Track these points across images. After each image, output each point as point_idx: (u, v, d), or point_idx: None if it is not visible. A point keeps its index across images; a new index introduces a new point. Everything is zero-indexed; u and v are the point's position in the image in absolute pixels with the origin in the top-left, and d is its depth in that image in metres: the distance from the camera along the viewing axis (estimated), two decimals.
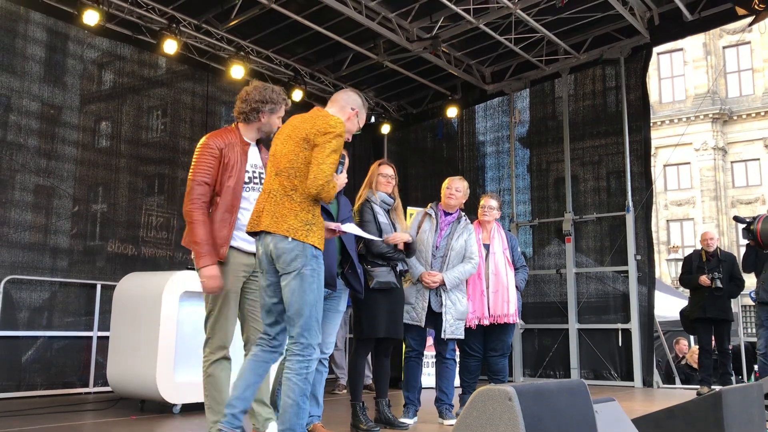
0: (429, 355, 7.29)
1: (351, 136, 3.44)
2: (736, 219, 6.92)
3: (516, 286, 5.25)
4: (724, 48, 29.12)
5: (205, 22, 8.01)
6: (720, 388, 3.37)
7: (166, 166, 8.18)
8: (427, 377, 7.31)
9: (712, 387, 6.92)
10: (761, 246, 6.29)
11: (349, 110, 3.42)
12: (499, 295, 5.12)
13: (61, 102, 7.35)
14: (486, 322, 5.07)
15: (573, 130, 9.13)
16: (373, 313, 4.39)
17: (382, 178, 4.68)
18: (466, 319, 4.98)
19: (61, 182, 7.18)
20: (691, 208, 28.83)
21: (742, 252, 7.07)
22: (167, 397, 5.13)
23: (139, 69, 8.07)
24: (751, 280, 6.89)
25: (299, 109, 10.44)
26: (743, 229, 6.62)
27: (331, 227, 3.45)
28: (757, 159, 28.26)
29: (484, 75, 9.70)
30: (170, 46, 7.57)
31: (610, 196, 8.86)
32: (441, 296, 4.82)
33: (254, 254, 3.51)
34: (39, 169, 7.01)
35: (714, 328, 7.22)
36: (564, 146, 9.13)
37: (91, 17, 6.94)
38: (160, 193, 8.23)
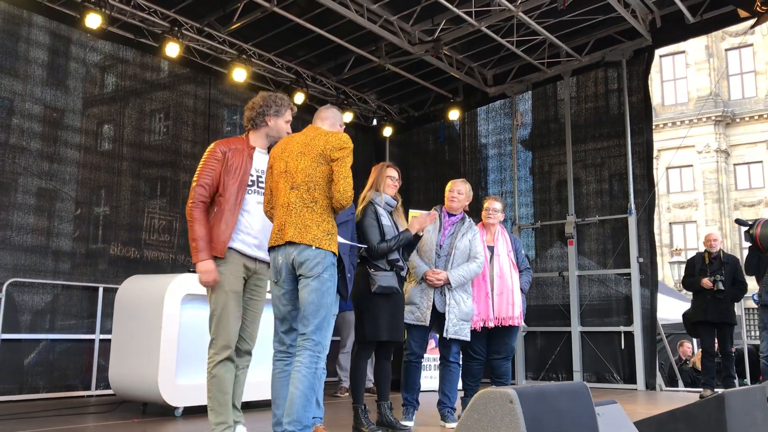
0: (430, 358, 7.29)
1: None
2: (738, 222, 6.91)
3: (520, 289, 5.24)
4: (727, 50, 29.10)
5: (207, 26, 8.02)
6: (722, 391, 3.35)
7: (168, 169, 8.19)
8: (429, 380, 7.30)
9: (715, 390, 6.90)
10: (761, 250, 6.28)
11: (338, 126, 3.72)
12: (504, 298, 5.11)
13: (63, 105, 7.36)
14: (491, 325, 5.07)
15: (575, 133, 9.13)
16: (375, 316, 4.40)
17: (390, 181, 4.70)
18: (471, 321, 4.98)
19: (64, 185, 7.20)
20: (693, 211, 28.78)
21: (745, 255, 7.06)
22: (169, 400, 5.13)
23: (142, 72, 8.08)
24: (753, 283, 6.87)
25: (302, 112, 10.49)
26: (745, 232, 6.61)
27: None
28: (760, 161, 28.22)
29: (486, 77, 9.71)
30: (172, 50, 7.58)
31: (612, 199, 8.85)
32: (445, 295, 4.81)
33: (253, 258, 3.64)
34: (41, 172, 7.03)
35: (716, 331, 7.19)
36: (566, 149, 9.13)
37: (93, 21, 6.95)
38: (163, 196, 8.24)
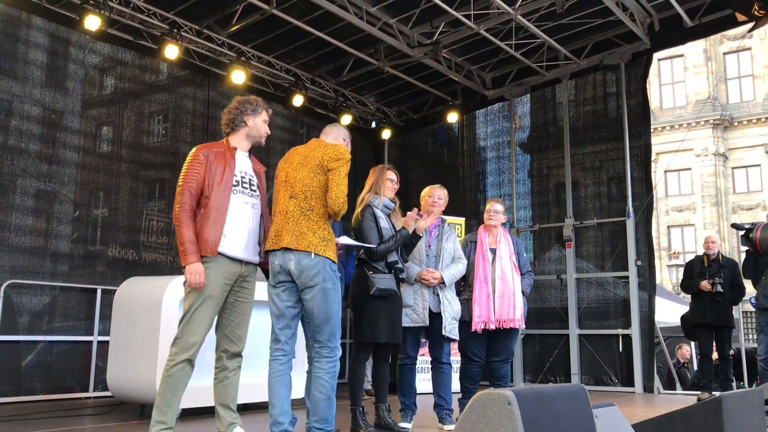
0: (424, 360, 7.28)
1: None
2: (735, 226, 6.93)
3: (522, 291, 5.24)
4: (725, 54, 29.15)
5: (207, 28, 8.03)
6: (720, 394, 3.36)
7: (167, 171, 8.19)
8: (424, 383, 7.29)
9: (713, 393, 6.91)
10: (760, 254, 6.29)
11: (341, 140, 3.91)
12: (506, 300, 5.12)
13: (62, 107, 7.36)
14: (492, 327, 5.08)
15: (573, 136, 9.14)
16: (373, 319, 4.41)
17: (389, 183, 4.74)
18: (472, 322, 5.04)
19: (62, 187, 7.19)
20: (691, 214, 28.81)
21: (743, 258, 7.07)
22: None
23: (141, 74, 8.08)
24: (752, 287, 6.88)
25: (301, 115, 10.47)
26: (742, 236, 6.62)
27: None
28: (758, 165, 28.25)
29: (485, 80, 9.72)
30: (171, 52, 7.59)
31: (610, 202, 8.86)
32: (439, 295, 4.88)
33: (240, 261, 3.65)
34: (40, 174, 7.02)
35: (715, 334, 7.20)
36: (564, 152, 9.14)
37: (92, 22, 6.96)
38: (161, 198, 8.23)
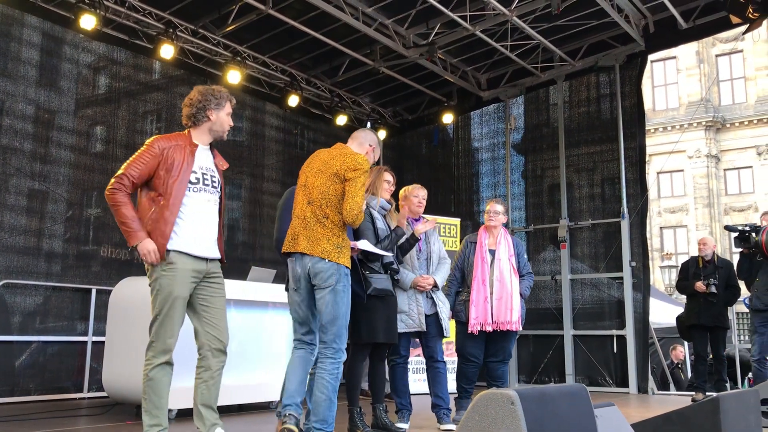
0: (417, 361, 7.29)
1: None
2: (728, 228, 6.96)
3: (521, 293, 5.23)
4: (717, 56, 29.27)
5: (202, 27, 8.01)
6: (717, 394, 3.38)
7: None
8: (419, 383, 7.29)
9: (707, 393, 6.94)
10: (767, 257, 6.35)
11: (367, 146, 3.99)
12: (503, 302, 5.11)
13: (56, 106, 7.32)
14: (489, 329, 5.08)
15: (568, 137, 9.17)
16: (371, 319, 4.41)
17: (386, 185, 4.75)
18: (468, 323, 5.10)
19: (56, 186, 7.15)
20: (684, 216, 28.92)
21: (736, 259, 7.11)
22: None
23: (135, 73, 8.05)
24: (744, 288, 6.92)
25: (296, 115, 10.45)
26: (735, 238, 6.66)
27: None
28: (750, 167, 28.38)
29: (480, 81, 9.74)
30: (167, 51, 7.57)
31: (604, 203, 8.89)
32: (432, 298, 4.95)
33: (204, 259, 3.52)
34: (33, 173, 6.98)
35: (709, 334, 7.23)
36: (559, 153, 9.16)
37: (88, 22, 6.92)
38: None
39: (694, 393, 7.33)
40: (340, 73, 9.31)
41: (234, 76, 8.22)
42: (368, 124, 10.73)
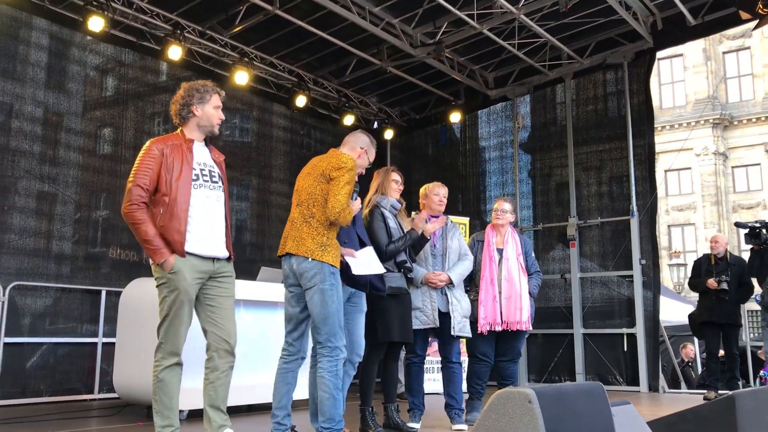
0: (433, 360, 7.27)
1: (363, 170, 4.06)
2: (738, 225, 6.93)
3: (529, 292, 5.20)
4: (724, 53, 29.16)
5: (210, 29, 8.02)
6: (733, 392, 3.35)
7: None
8: (433, 383, 7.28)
9: (719, 392, 6.90)
10: None
11: (358, 149, 4.03)
12: (512, 302, 5.08)
13: (64, 108, 7.34)
14: (498, 329, 5.05)
15: (576, 135, 9.13)
16: (386, 318, 4.42)
17: (395, 185, 4.76)
18: (478, 323, 5.02)
19: (65, 188, 7.17)
20: (692, 213, 28.81)
21: (745, 256, 7.07)
22: None
23: (143, 75, 8.06)
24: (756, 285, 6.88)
25: (303, 116, 10.47)
26: (745, 234, 6.62)
27: (344, 254, 3.91)
28: (758, 164, 28.26)
29: (487, 80, 9.71)
30: (174, 53, 7.57)
31: (613, 201, 8.85)
32: (447, 295, 4.87)
33: (210, 259, 3.51)
34: (42, 175, 7.01)
35: (722, 332, 7.19)
36: (567, 151, 9.13)
37: (96, 24, 6.93)
38: None
39: (705, 391, 7.28)
40: (348, 73, 9.30)
41: (241, 77, 8.22)
42: (375, 124, 10.73)
